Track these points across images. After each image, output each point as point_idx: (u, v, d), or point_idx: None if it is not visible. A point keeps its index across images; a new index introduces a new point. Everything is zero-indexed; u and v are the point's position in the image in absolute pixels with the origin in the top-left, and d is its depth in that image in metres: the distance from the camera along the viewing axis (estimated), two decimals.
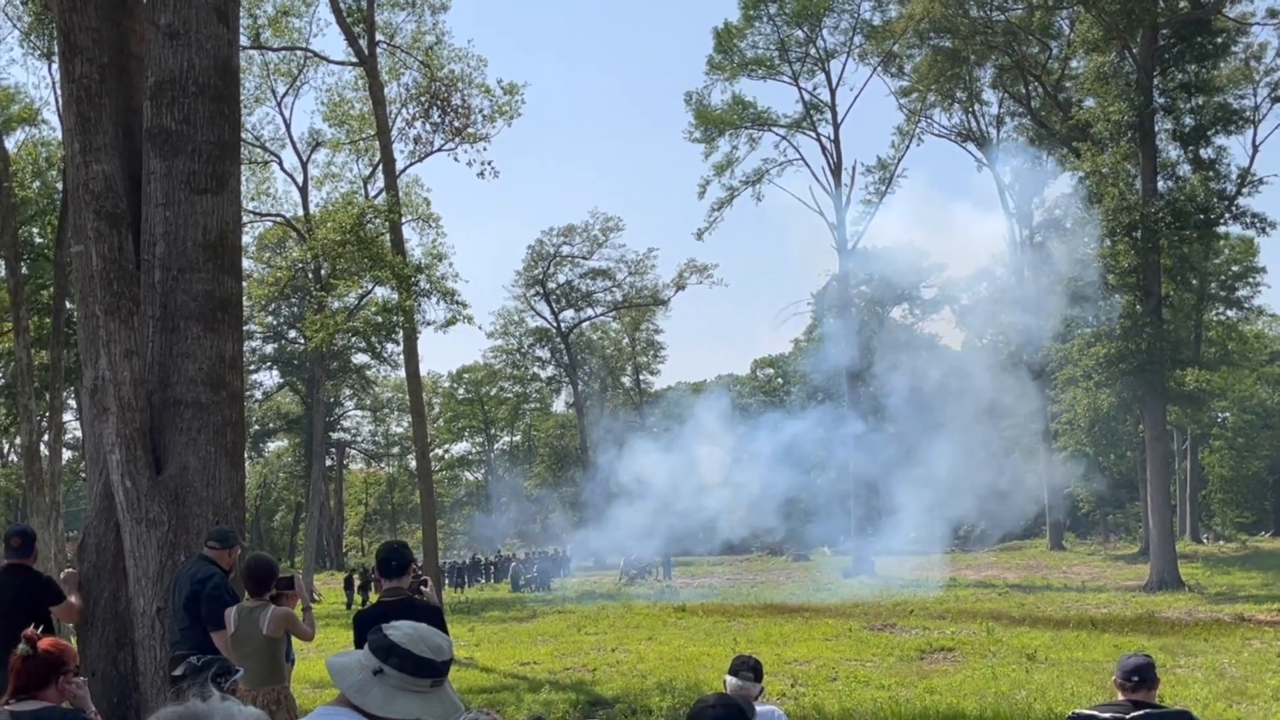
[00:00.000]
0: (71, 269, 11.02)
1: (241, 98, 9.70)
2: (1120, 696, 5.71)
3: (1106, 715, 5.61)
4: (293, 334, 63.90)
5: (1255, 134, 38.57)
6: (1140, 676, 5.65)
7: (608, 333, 74.55)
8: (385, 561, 6.64)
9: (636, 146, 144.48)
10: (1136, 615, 23.68)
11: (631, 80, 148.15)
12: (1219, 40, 34.19)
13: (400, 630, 2.88)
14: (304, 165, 43.28)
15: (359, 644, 5.09)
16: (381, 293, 32.50)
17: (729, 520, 46.53)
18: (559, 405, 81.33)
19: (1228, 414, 61.86)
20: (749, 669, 5.98)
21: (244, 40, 33.68)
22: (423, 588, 6.85)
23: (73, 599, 8.05)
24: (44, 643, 4.31)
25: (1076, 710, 5.85)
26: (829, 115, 45.96)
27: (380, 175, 32.25)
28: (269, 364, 69.38)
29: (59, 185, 31.41)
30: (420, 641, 2.86)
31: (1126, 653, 6.20)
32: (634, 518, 46.40)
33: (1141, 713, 5.55)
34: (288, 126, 62.69)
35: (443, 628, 6.11)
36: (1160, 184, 33.54)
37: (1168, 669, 14.70)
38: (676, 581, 41.43)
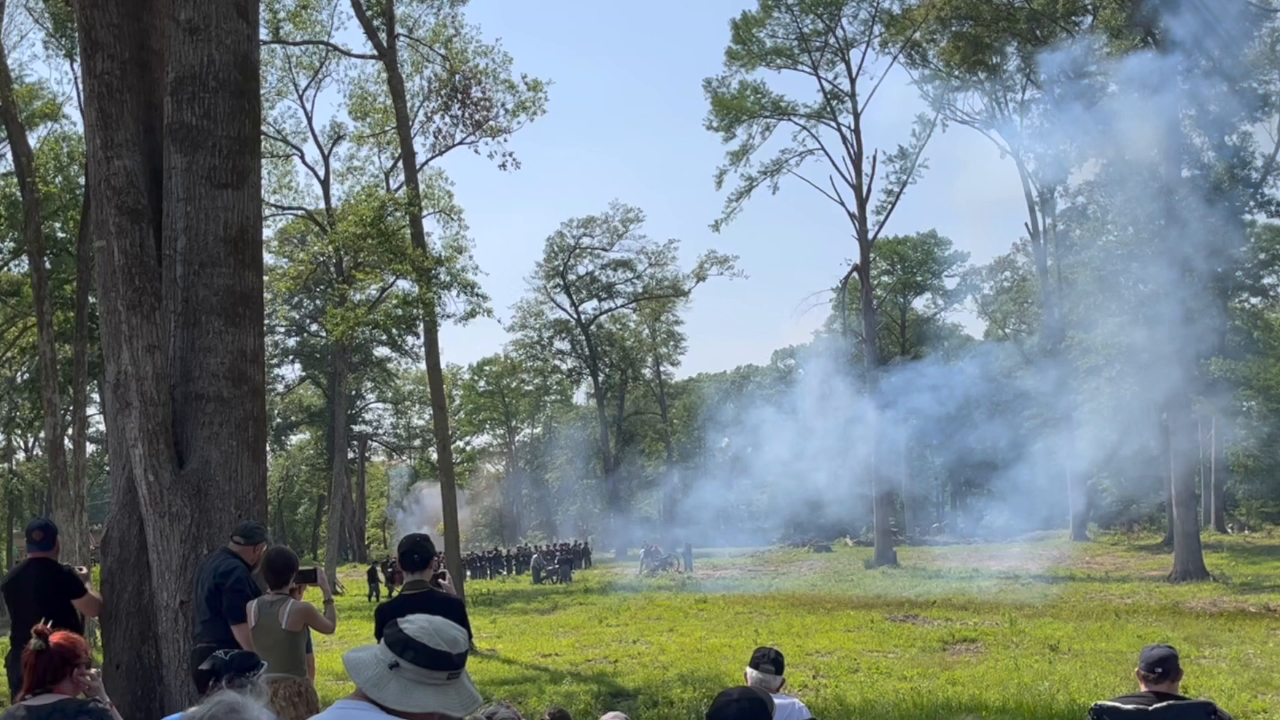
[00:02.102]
0: (94, 264, 11.09)
1: (263, 91, 9.74)
2: (1143, 688, 5.68)
3: (1129, 706, 5.59)
4: (315, 327, 64.12)
5: None
6: (1163, 668, 5.62)
7: (627, 324, 74.51)
8: (407, 555, 6.69)
9: (656, 138, 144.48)
10: (1160, 606, 23.56)
11: (651, 72, 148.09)
12: (1243, 25, 33.82)
13: (415, 624, 2.89)
14: (326, 159, 43.45)
15: (380, 636, 5.10)
16: (403, 285, 32.52)
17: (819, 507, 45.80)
18: (579, 397, 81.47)
19: (1253, 402, 61.37)
20: (770, 661, 5.97)
21: (264, 35, 33.77)
22: (441, 581, 6.87)
23: (93, 593, 8.12)
24: (55, 636, 4.34)
25: (1099, 702, 5.83)
26: (849, 104, 45.75)
27: (402, 168, 32.31)
28: (291, 357, 69.59)
29: (81, 181, 31.58)
30: (435, 634, 2.87)
31: (1150, 644, 6.17)
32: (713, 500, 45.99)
33: (1164, 704, 5.53)
34: (309, 120, 62.44)
35: (463, 620, 6.13)
36: (1184, 171, 33.26)
37: (1192, 660, 14.62)
38: (698, 573, 41.42)
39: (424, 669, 2.83)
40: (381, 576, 37.62)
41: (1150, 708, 5.52)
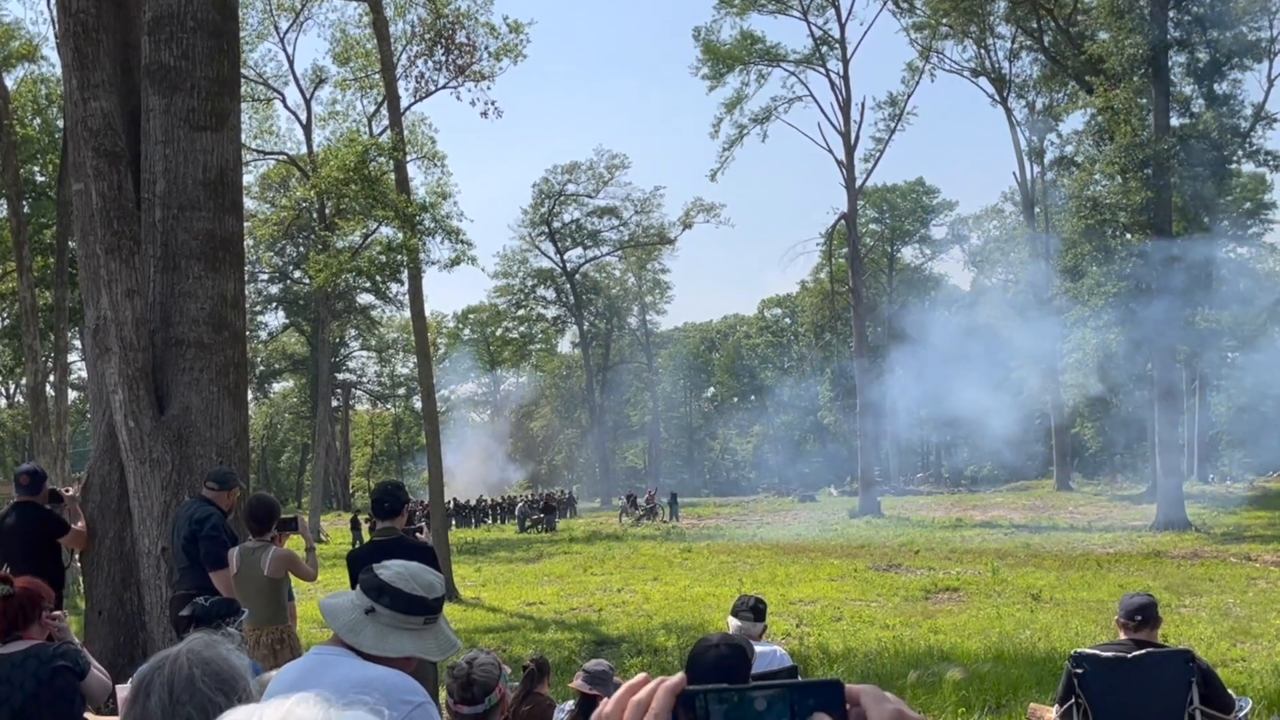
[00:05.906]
0: (73, 208, 10.96)
1: (244, 34, 9.57)
2: (1123, 635, 5.71)
3: (1108, 654, 5.61)
4: (298, 274, 63.72)
5: (1271, 68, 38.10)
6: (1143, 616, 5.64)
7: (613, 273, 74.26)
8: (378, 502, 6.67)
9: (641, 83, 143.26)
10: (1142, 555, 23.73)
11: (635, 14, 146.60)
12: None
13: (391, 569, 2.86)
14: (307, 102, 42.93)
15: (354, 584, 5.09)
16: (386, 232, 32.24)
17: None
18: (564, 346, 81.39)
19: (1238, 353, 61.63)
20: (749, 609, 6.00)
21: None
22: (418, 534, 6.85)
23: (78, 525, 8.13)
24: (20, 581, 4.29)
25: (1079, 649, 5.85)
26: (838, 50, 45.32)
27: (385, 113, 31.93)
28: (274, 304, 69.22)
29: (60, 124, 31.14)
30: (411, 579, 2.84)
31: (1130, 592, 6.19)
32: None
33: (1143, 651, 5.55)
34: (291, 63, 61.87)
35: (435, 568, 6.11)
36: (1174, 120, 33.08)
37: (1173, 609, 14.74)
38: (683, 522, 41.59)
39: (400, 614, 2.80)
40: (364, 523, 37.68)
41: (1129, 655, 5.55)
